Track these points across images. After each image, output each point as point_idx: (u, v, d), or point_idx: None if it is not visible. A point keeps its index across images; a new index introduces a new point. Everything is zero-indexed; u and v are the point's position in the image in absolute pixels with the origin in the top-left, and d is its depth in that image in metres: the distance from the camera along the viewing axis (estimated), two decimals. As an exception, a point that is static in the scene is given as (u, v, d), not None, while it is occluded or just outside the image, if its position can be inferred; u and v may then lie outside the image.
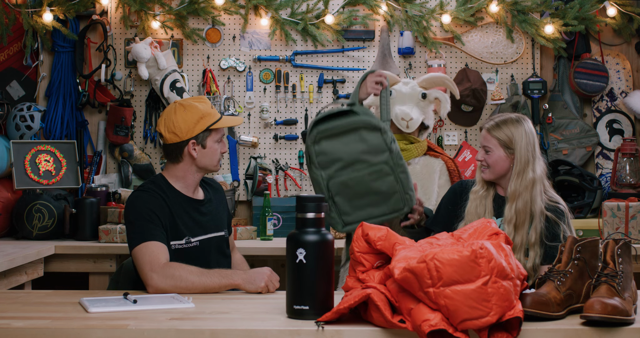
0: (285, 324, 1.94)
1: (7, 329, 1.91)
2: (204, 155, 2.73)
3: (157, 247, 2.55)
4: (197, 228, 2.72)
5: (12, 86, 4.27)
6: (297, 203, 2.02)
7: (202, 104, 2.74)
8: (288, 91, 4.30)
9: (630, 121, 4.36)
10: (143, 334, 1.89)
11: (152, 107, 4.26)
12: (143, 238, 2.55)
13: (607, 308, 1.88)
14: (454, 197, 2.96)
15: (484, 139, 2.86)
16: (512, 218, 2.74)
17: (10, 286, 3.27)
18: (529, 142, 2.81)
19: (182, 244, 2.67)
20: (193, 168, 2.74)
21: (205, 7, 4.18)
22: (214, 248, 2.78)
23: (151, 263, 2.49)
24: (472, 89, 4.16)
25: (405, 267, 1.87)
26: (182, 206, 2.70)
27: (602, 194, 4.10)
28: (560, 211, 2.78)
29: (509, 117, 2.86)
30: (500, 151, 2.82)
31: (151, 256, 2.51)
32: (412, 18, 4.23)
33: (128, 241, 2.61)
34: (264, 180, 4.16)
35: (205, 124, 2.70)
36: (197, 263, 2.57)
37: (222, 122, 2.75)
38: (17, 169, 3.87)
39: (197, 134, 2.70)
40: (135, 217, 2.61)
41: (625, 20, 4.29)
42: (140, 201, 2.65)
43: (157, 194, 2.66)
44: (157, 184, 2.72)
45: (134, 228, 2.60)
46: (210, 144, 2.73)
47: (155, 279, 2.44)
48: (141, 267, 2.51)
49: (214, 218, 2.81)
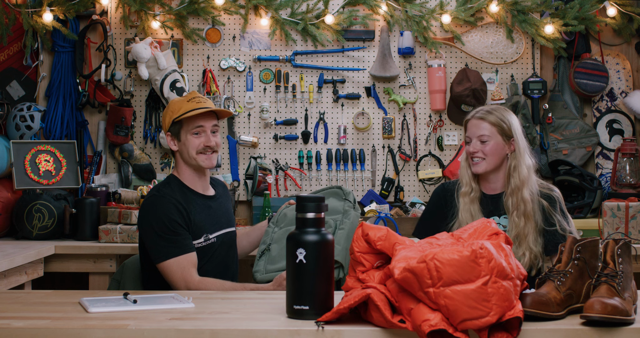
0: (285, 324, 1.94)
1: (7, 329, 1.91)
2: (182, 148, 2.78)
3: (188, 261, 2.62)
4: (213, 225, 2.77)
5: (12, 86, 4.27)
6: (297, 203, 2.02)
7: (181, 99, 2.80)
8: (288, 91, 4.30)
9: (630, 121, 4.36)
10: (143, 334, 1.89)
11: (152, 107, 4.26)
12: (172, 253, 2.62)
13: (607, 308, 1.88)
14: (438, 200, 2.93)
15: (477, 129, 2.77)
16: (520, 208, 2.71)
17: (10, 287, 3.27)
18: (522, 128, 2.83)
19: (202, 242, 2.73)
20: (184, 162, 2.78)
21: (205, 7, 4.17)
22: (230, 243, 2.84)
23: (185, 280, 2.59)
24: (472, 89, 4.16)
25: (405, 267, 1.87)
26: (197, 203, 2.75)
27: (602, 194, 4.10)
28: (553, 197, 2.78)
29: (495, 106, 2.86)
30: (498, 139, 2.77)
31: (184, 273, 2.60)
32: (412, 18, 4.23)
33: (153, 252, 2.66)
34: (264, 180, 4.16)
35: (171, 117, 2.77)
36: (218, 261, 2.65)
37: (188, 113, 2.73)
38: (17, 169, 3.87)
39: (169, 127, 2.78)
40: (160, 229, 2.65)
41: (625, 20, 4.29)
42: (161, 210, 2.68)
43: (174, 199, 2.70)
44: (171, 186, 2.76)
45: (159, 241, 2.64)
46: (184, 136, 2.76)
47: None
48: (176, 284, 2.60)
49: (225, 214, 2.88)
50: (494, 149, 2.76)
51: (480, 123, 2.78)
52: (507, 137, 2.79)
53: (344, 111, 4.30)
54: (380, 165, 4.31)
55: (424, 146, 4.32)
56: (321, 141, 4.30)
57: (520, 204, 2.73)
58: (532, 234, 2.71)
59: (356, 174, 4.29)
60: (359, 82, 4.31)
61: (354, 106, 4.31)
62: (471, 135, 2.80)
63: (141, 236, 2.75)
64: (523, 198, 2.72)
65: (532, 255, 2.72)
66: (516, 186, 2.74)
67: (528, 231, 2.69)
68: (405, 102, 4.30)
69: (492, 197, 2.84)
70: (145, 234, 2.70)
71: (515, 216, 2.72)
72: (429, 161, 4.32)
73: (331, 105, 4.31)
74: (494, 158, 2.77)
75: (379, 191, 4.27)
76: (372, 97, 4.30)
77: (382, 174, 4.31)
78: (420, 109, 4.33)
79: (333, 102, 4.30)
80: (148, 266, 2.75)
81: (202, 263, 2.70)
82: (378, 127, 4.31)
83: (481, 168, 2.77)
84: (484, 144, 2.76)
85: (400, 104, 4.27)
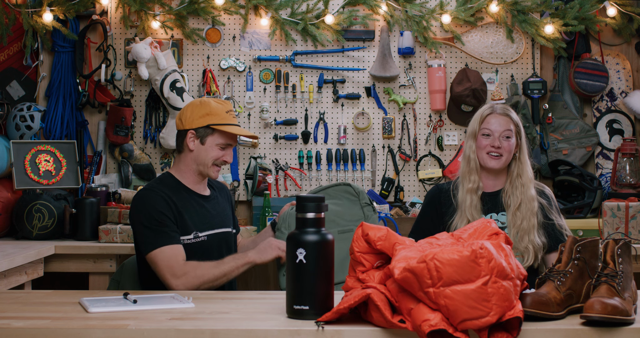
0: (285, 324, 1.94)
1: (7, 329, 1.91)
2: (200, 151, 2.75)
3: (173, 250, 2.61)
4: (204, 223, 2.75)
5: (12, 86, 4.27)
6: (297, 203, 2.02)
7: (219, 105, 2.78)
8: (288, 91, 4.30)
9: (630, 121, 4.36)
10: (143, 334, 1.89)
11: (152, 107, 4.26)
12: (158, 243, 2.61)
13: (607, 308, 1.88)
14: (432, 201, 2.93)
15: (502, 124, 2.78)
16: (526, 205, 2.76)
17: (10, 287, 3.27)
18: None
19: (191, 239, 2.71)
20: (193, 164, 2.76)
21: (205, 7, 4.17)
22: (222, 243, 2.82)
23: (170, 267, 2.58)
24: (472, 89, 4.16)
25: (405, 267, 1.87)
26: (189, 200, 2.74)
27: (602, 194, 4.10)
28: (547, 194, 2.86)
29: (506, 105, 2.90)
30: (514, 138, 2.82)
31: (169, 261, 2.59)
32: (412, 18, 4.23)
33: (141, 245, 2.66)
34: (264, 180, 4.16)
35: (208, 121, 2.73)
36: (207, 259, 2.62)
37: (227, 127, 2.74)
38: (17, 169, 3.87)
39: (198, 127, 2.73)
40: (147, 220, 2.64)
41: (625, 20, 4.29)
42: (148, 202, 2.67)
43: (163, 192, 2.69)
44: (164, 182, 2.76)
45: (146, 232, 2.64)
46: (210, 143, 2.74)
47: (179, 284, 2.56)
48: (161, 273, 2.60)
49: (220, 214, 2.85)
50: (513, 147, 2.81)
51: (505, 119, 2.80)
52: (519, 136, 2.83)
53: (344, 111, 4.30)
54: (380, 165, 4.31)
55: (424, 146, 4.32)
56: (321, 141, 4.30)
57: (527, 201, 2.77)
58: (535, 227, 2.77)
59: (356, 174, 4.29)
60: (359, 82, 4.31)
61: (354, 106, 4.31)
62: (494, 129, 2.79)
63: (133, 233, 2.75)
64: (531, 195, 2.77)
65: (535, 247, 2.77)
66: (522, 184, 2.79)
67: (532, 225, 2.75)
68: (405, 102, 4.30)
69: (491, 194, 2.86)
70: (134, 227, 2.70)
71: (518, 211, 2.76)
72: (429, 161, 4.32)
73: (331, 105, 4.31)
74: (510, 155, 2.82)
75: (379, 191, 4.27)
76: (372, 97, 4.30)
77: (382, 174, 4.31)
78: (420, 109, 4.33)
79: (333, 102, 4.30)
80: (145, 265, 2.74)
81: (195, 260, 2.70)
82: (378, 127, 4.31)
83: (500, 163, 2.80)
84: (508, 140, 2.79)
85: (400, 104, 4.27)
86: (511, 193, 2.81)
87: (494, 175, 2.85)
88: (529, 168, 2.83)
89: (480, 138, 2.83)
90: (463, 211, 2.81)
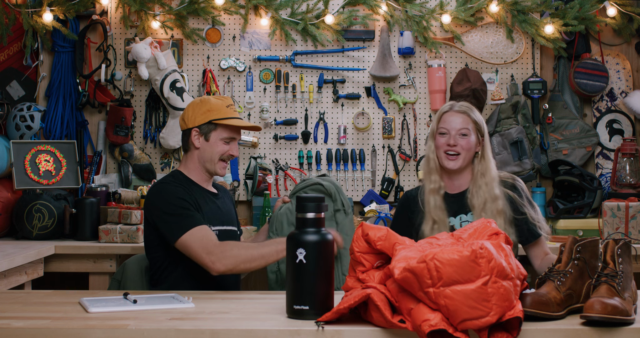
0: (285, 324, 1.94)
1: (7, 329, 1.91)
2: (206, 148, 2.76)
3: (204, 231, 2.58)
4: (215, 219, 2.77)
5: (12, 86, 4.27)
6: (297, 203, 2.02)
7: (219, 101, 2.80)
8: (288, 91, 4.30)
9: (630, 121, 4.36)
10: (143, 334, 1.89)
11: (152, 107, 4.26)
12: (186, 227, 2.57)
13: (607, 308, 1.88)
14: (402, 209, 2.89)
15: (458, 122, 2.74)
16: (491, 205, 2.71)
17: (10, 287, 3.27)
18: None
19: None
20: (200, 162, 2.78)
21: (205, 7, 4.17)
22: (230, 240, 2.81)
23: (205, 247, 2.52)
24: (472, 89, 4.16)
25: (405, 267, 1.87)
26: (202, 196, 2.76)
27: (602, 194, 4.10)
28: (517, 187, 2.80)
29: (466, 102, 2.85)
30: (474, 136, 2.76)
31: (202, 241, 2.54)
32: (412, 18, 4.23)
33: (169, 233, 2.60)
34: (264, 180, 4.16)
35: (209, 117, 2.75)
36: None
37: (229, 120, 2.76)
38: (17, 169, 3.87)
39: (200, 124, 2.75)
40: (168, 208, 2.62)
41: (625, 20, 4.29)
42: (166, 192, 2.67)
43: (179, 185, 2.70)
44: (176, 177, 2.78)
45: (170, 219, 2.60)
46: (214, 139, 2.76)
47: (217, 264, 2.49)
48: (197, 254, 2.53)
49: (228, 213, 2.89)
50: (471, 146, 2.75)
51: (462, 116, 2.75)
52: (480, 135, 2.79)
53: (344, 111, 4.30)
54: (380, 165, 4.31)
55: (424, 146, 4.32)
56: (321, 141, 4.30)
57: (490, 201, 2.72)
58: (501, 227, 2.71)
59: (356, 174, 4.29)
60: (359, 82, 4.31)
61: (354, 106, 4.31)
62: (450, 128, 2.75)
63: (151, 225, 2.68)
64: (495, 195, 2.72)
65: None
66: (486, 183, 2.73)
67: (499, 225, 2.68)
68: (405, 102, 4.30)
69: (455, 196, 2.81)
70: (155, 219, 2.64)
71: (484, 212, 2.71)
72: (429, 161, 4.32)
73: (331, 105, 4.31)
74: (469, 154, 2.75)
75: (379, 191, 4.27)
76: (372, 97, 4.30)
77: (382, 174, 4.31)
78: (420, 109, 4.33)
79: (333, 102, 4.30)
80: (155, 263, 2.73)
81: None
82: (378, 127, 4.31)
83: (457, 163, 2.74)
84: (464, 138, 2.74)
85: (400, 104, 4.27)
86: (475, 192, 2.75)
87: (457, 175, 2.80)
88: (492, 166, 2.77)
89: (437, 136, 2.78)
90: (428, 212, 2.77)
